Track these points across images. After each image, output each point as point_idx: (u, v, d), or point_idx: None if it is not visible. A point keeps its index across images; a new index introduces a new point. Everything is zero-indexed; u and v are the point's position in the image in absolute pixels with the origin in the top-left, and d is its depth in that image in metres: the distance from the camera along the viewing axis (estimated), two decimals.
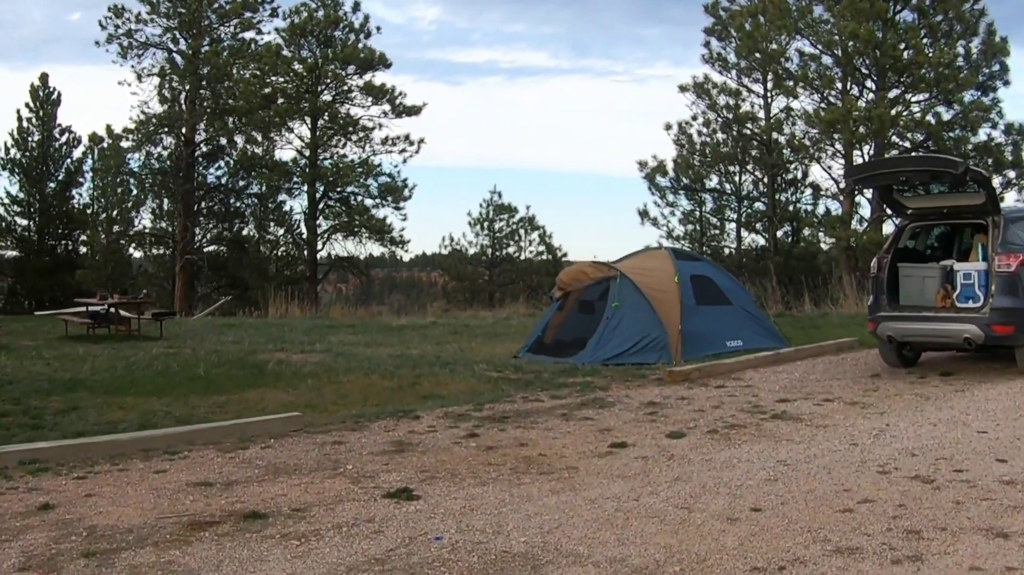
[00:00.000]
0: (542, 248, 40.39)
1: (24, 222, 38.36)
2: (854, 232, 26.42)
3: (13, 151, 37.91)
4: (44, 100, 38.57)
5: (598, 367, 12.50)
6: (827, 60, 28.10)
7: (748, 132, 31.94)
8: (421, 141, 35.62)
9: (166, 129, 34.49)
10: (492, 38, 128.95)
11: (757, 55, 28.93)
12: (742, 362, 12.22)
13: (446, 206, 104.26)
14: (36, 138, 38.32)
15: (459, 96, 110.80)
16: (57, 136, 38.65)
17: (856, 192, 27.68)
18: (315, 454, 7.78)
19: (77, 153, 38.66)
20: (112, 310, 18.25)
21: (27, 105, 38.24)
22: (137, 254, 39.10)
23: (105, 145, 35.65)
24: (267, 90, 34.21)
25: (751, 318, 14.43)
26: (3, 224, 37.90)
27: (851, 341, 14.38)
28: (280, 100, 34.27)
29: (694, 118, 33.19)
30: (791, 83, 27.71)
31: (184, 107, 34.24)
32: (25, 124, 38.21)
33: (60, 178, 38.67)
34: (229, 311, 29.68)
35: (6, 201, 37.94)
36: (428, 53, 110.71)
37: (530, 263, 40.02)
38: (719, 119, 32.56)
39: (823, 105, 27.04)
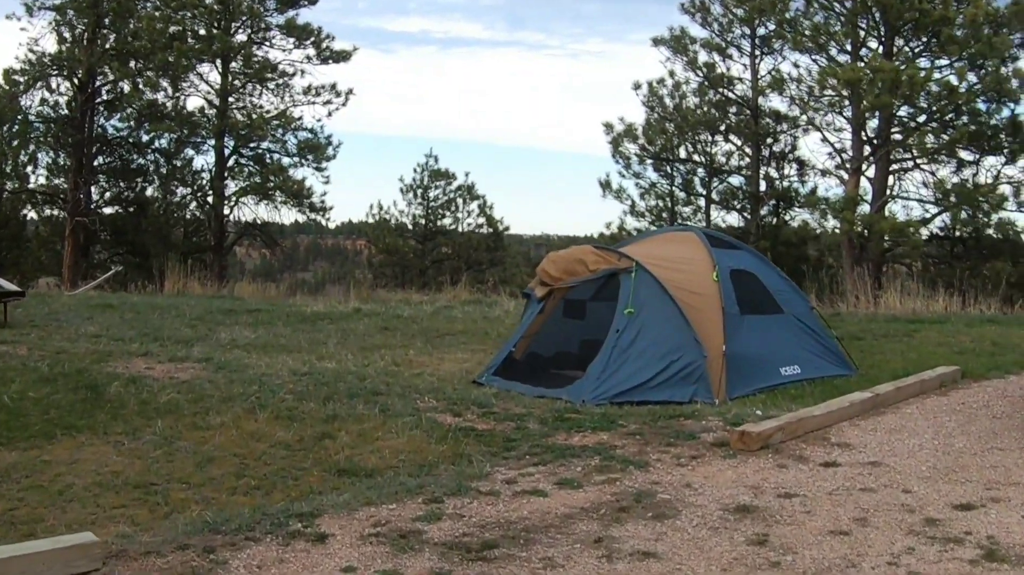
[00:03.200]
0: (482, 220, 35.91)
1: None
2: (867, 216, 22.34)
3: None
4: None
5: (608, 409, 8.16)
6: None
7: (729, 96, 27.78)
8: (349, 92, 30.85)
9: (62, 72, 29.54)
10: (428, 7, 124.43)
11: (747, 4, 24.71)
12: (834, 413, 7.80)
13: (375, 174, 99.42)
14: None
15: (392, 64, 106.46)
16: None
17: (861, 170, 23.67)
18: None
19: None
20: None
21: None
22: (33, 215, 34.00)
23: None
24: (175, 27, 29.23)
25: (807, 332, 10.17)
26: None
27: (952, 372, 10.02)
28: (189, 40, 29.32)
29: (671, 74, 28.78)
30: (792, 35, 23.45)
31: (82, 47, 29.28)
32: None
33: None
34: (123, 283, 25.33)
35: None
36: (363, 21, 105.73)
37: (469, 237, 35.57)
38: (695, 79, 28.36)
39: (832, 64, 22.83)
